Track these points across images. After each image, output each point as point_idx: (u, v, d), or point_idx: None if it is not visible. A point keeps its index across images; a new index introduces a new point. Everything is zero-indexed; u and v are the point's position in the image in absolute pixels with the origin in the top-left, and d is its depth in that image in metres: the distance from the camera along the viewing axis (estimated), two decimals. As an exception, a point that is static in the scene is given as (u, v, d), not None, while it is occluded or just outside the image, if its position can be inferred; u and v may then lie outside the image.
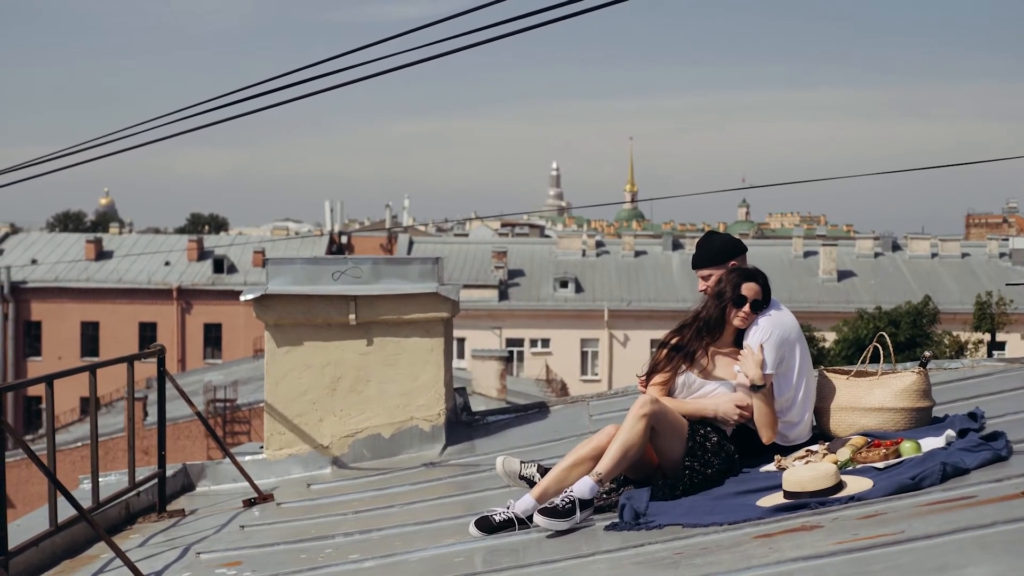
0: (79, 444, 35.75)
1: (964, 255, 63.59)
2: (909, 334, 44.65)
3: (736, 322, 5.82)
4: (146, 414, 33.02)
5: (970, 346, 46.27)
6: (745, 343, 5.79)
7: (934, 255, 63.36)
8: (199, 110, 8.20)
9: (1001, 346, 51.11)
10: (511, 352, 53.79)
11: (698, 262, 6.20)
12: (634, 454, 5.36)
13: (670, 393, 5.81)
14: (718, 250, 6.17)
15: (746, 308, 5.79)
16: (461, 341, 56.22)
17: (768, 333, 5.75)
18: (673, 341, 5.90)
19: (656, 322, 54.34)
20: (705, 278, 6.13)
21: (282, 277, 8.08)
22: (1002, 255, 63.37)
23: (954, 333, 47.27)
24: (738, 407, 5.67)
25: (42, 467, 5.34)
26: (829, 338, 47.24)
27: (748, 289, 5.81)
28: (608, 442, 5.39)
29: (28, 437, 51.49)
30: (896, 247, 64.92)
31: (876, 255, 63.71)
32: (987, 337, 47.95)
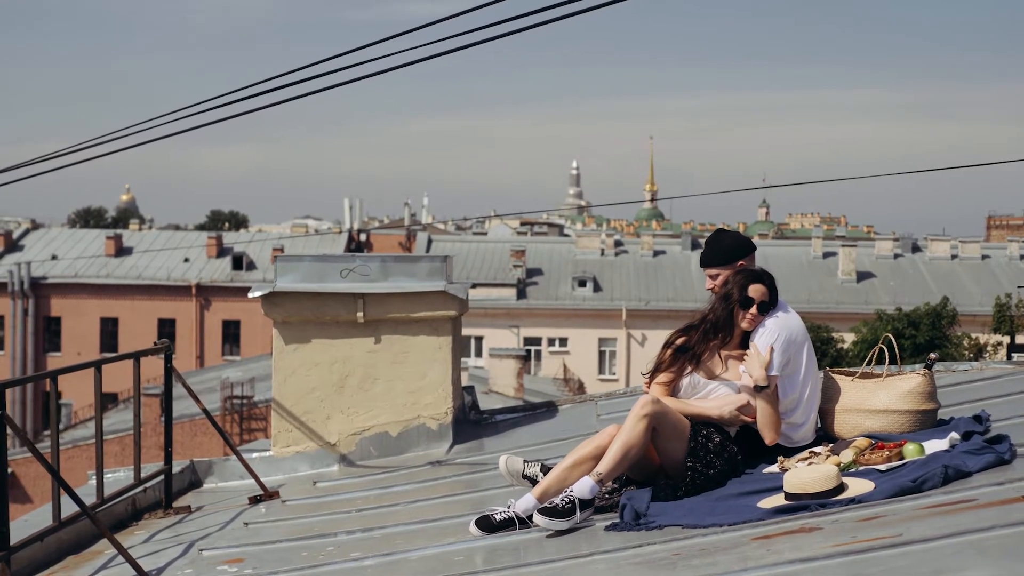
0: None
1: (984, 257, 63.21)
2: (928, 336, 44.47)
3: (743, 324, 5.80)
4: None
5: (989, 348, 46.03)
6: (751, 344, 5.77)
7: (954, 257, 63.01)
8: (214, 104, 8.25)
9: (1021, 348, 50.73)
10: (529, 351, 53.78)
11: (706, 261, 6.19)
12: (635, 454, 5.34)
13: (674, 393, 5.79)
14: (726, 249, 6.15)
15: (753, 310, 5.77)
16: (479, 339, 56.27)
17: (775, 335, 5.73)
18: (679, 342, 5.88)
19: (674, 322, 53.91)
20: (713, 277, 6.11)
21: (291, 274, 8.10)
22: (1022, 257, 63.02)
23: (973, 335, 47.02)
24: (740, 411, 5.65)
25: (44, 463, 5.35)
26: (848, 339, 47.07)
27: (755, 291, 5.78)
28: (609, 442, 5.38)
29: (46, 432, 51.75)
30: (916, 248, 64.59)
31: (896, 256, 63.40)
32: (1007, 339, 47.64)
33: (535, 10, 6.81)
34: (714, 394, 5.76)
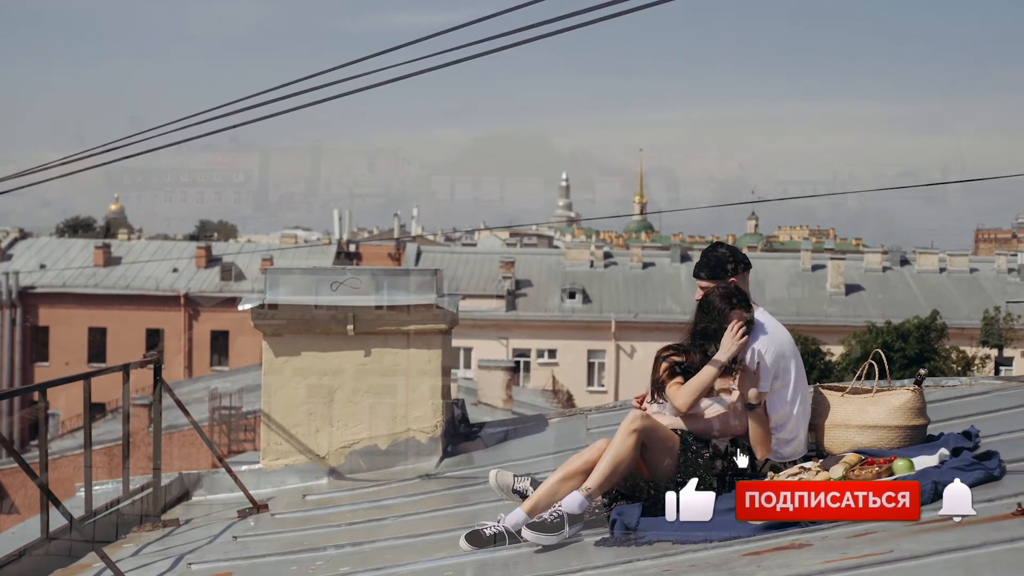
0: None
1: (972, 270, 63.29)
2: (917, 349, 44.58)
3: (733, 348, 5.77)
4: (151, 421, 33.01)
5: (977, 361, 46.16)
6: (740, 361, 5.75)
7: (942, 270, 63.10)
8: (208, 117, 8.24)
9: (1009, 362, 50.90)
10: (518, 362, 53.77)
11: (698, 272, 6.18)
12: (624, 469, 5.34)
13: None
14: (717, 263, 6.12)
15: (741, 334, 5.74)
16: (468, 351, 56.15)
17: (764, 350, 5.73)
18: (676, 359, 5.86)
19: (663, 334, 54.08)
20: (702, 288, 6.11)
21: (281, 287, 8.08)
22: (1011, 271, 63.09)
23: (961, 348, 47.15)
24: (738, 341, 5.61)
25: (32, 476, 5.33)
26: (836, 352, 47.16)
27: (739, 315, 5.76)
28: (599, 456, 5.37)
29: (32, 443, 51.57)
30: (904, 261, 64.63)
31: (884, 269, 63.45)
32: (995, 352, 47.80)
33: (528, 26, 6.82)
34: (707, 410, 5.75)
